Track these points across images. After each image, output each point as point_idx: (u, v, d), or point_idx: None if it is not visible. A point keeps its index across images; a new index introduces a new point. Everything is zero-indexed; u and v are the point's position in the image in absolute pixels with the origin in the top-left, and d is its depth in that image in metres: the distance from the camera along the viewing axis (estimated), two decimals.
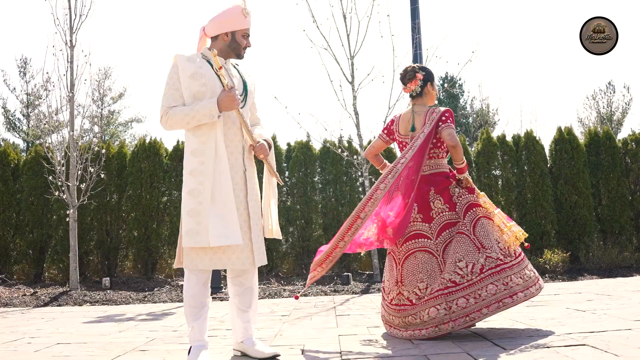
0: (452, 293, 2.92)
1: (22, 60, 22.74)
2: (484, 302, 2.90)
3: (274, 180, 2.90)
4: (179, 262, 2.69)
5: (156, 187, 8.36)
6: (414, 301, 3.03)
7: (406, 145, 3.33)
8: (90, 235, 8.27)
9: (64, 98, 7.37)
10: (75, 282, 6.98)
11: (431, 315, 2.92)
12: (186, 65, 2.65)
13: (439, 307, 2.91)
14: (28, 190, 8.33)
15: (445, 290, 2.93)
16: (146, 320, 4.46)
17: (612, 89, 23.05)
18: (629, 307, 3.89)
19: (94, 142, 7.83)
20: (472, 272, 2.94)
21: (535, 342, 2.77)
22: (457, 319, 2.89)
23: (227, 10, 2.70)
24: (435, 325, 2.93)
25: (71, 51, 7.34)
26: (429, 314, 2.93)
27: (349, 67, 6.98)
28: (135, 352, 3.02)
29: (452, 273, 2.95)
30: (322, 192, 8.67)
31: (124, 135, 24.37)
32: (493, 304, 2.90)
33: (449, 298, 2.91)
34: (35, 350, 3.16)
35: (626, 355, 2.34)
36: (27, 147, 21.31)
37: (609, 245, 7.95)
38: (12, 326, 4.28)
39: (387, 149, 8.64)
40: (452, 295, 2.91)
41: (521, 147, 8.58)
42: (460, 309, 2.89)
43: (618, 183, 8.39)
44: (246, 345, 2.75)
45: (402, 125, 3.39)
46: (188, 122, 2.60)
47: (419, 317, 2.98)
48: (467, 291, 2.91)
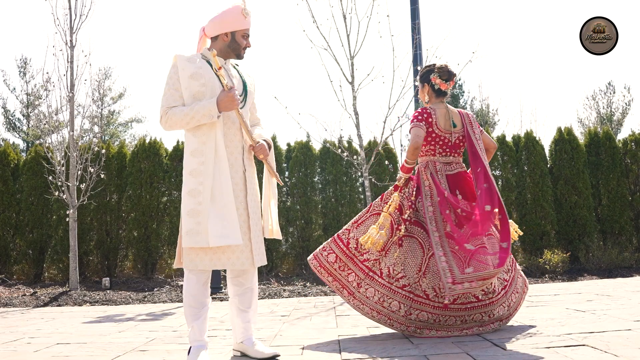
0: None
1: (22, 61, 22.75)
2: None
3: (274, 181, 2.90)
4: (178, 262, 2.69)
5: (156, 187, 8.36)
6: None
7: (444, 140, 3.33)
8: (90, 235, 8.27)
9: (64, 98, 7.37)
10: (75, 282, 6.98)
11: None
12: (186, 65, 2.65)
13: None
14: (28, 190, 8.33)
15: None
16: (146, 321, 4.46)
17: (612, 90, 23.05)
18: (628, 307, 3.89)
19: (94, 142, 7.83)
20: None
21: (535, 342, 2.76)
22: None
23: (227, 10, 2.70)
24: None
25: (71, 51, 7.34)
26: None
27: (349, 67, 6.98)
28: (135, 352, 3.01)
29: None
30: (322, 193, 8.67)
31: (123, 135, 24.38)
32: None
33: None
34: (34, 350, 3.16)
35: (626, 356, 2.34)
36: (27, 147, 21.32)
37: (609, 246, 7.95)
38: (12, 326, 4.28)
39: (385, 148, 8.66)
40: None
41: (521, 148, 8.59)
42: None
43: (618, 183, 8.39)
44: (246, 346, 2.75)
45: (441, 120, 3.36)
46: (188, 123, 2.60)
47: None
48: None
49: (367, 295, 3.20)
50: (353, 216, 8.48)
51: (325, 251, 3.33)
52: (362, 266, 3.25)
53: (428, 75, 3.42)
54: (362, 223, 3.38)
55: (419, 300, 3.10)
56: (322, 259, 3.31)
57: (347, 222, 3.50)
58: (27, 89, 22.71)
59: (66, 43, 7.33)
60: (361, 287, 3.22)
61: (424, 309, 3.09)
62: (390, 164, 8.50)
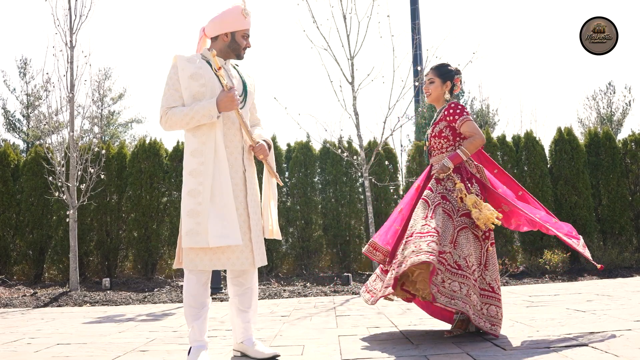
0: None
1: (22, 61, 22.74)
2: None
3: (274, 181, 2.89)
4: (178, 262, 2.69)
5: (156, 187, 8.36)
6: None
7: (461, 136, 3.32)
8: (90, 235, 8.27)
9: (64, 99, 7.38)
10: (75, 282, 6.98)
11: None
12: (186, 65, 2.65)
13: None
14: (28, 190, 8.34)
15: None
16: (146, 321, 4.46)
17: (612, 90, 23.04)
18: (629, 307, 3.89)
19: (94, 142, 7.83)
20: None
21: (535, 342, 2.77)
22: None
23: (227, 10, 2.70)
24: None
25: (71, 52, 7.35)
26: None
27: (349, 67, 6.99)
28: (135, 353, 3.02)
29: None
30: (322, 193, 8.67)
31: (123, 135, 24.38)
32: None
33: None
34: (35, 350, 3.16)
35: (626, 356, 2.34)
36: (27, 147, 21.31)
37: (609, 246, 7.95)
38: (12, 327, 4.28)
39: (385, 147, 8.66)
40: None
41: (521, 148, 8.59)
42: None
43: (618, 183, 8.39)
44: (246, 346, 2.75)
45: None
46: (187, 123, 2.60)
47: None
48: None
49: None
50: (353, 216, 8.56)
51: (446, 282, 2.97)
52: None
53: (453, 75, 3.39)
54: (456, 241, 3.04)
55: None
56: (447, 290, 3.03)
57: (347, 222, 3.48)
58: (27, 89, 22.71)
59: (66, 44, 7.34)
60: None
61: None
62: (390, 164, 8.51)
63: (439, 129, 3.31)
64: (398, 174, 8.98)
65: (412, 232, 3.05)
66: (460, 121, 3.22)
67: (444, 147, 3.30)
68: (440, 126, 3.31)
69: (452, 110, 3.27)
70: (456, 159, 3.19)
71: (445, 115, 3.29)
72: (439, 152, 3.33)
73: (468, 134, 3.24)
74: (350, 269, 8.25)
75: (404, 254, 2.96)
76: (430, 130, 3.42)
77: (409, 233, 3.07)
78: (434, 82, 3.39)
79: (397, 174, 8.79)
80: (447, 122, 3.28)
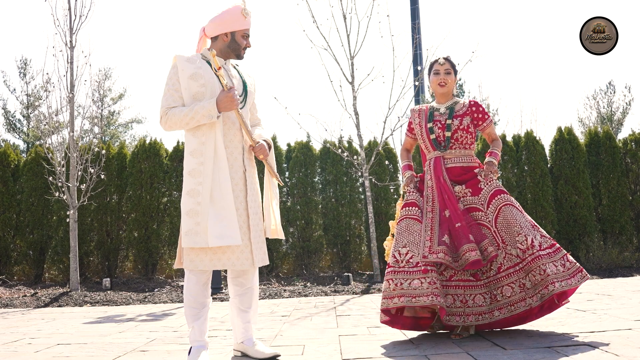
0: None
1: (22, 61, 22.77)
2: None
3: (275, 181, 2.89)
4: (179, 262, 2.69)
5: (156, 187, 8.36)
6: None
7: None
8: (90, 236, 8.28)
9: (64, 99, 7.38)
10: (76, 282, 6.98)
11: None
12: (186, 66, 2.65)
13: None
14: (28, 191, 8.34)
15: None
16: (146, 321, 4.46)
17: (612, 89, 23.06)
18: (629, 307, 3.89)
19: (94, 142, 7.84)
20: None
21: (535, 342, 2.76)
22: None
23: (227, 10, 2.70)
24: None
25: (71, 52, 7.35)
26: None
27: (349, 67, 6.99)
28: (135, 353, 3.02)
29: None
30: (323, 193, 8.67)
31: (124, 136, 24.40)
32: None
33: None
34: (35, 350, 3.16)
35: (626, 355, 2.34)
36: (27, 148, 21.32)
37: (609, 246, 7.95)
38: (13, 327, 4.28)
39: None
40: None
41: (521, 147, 8.59)
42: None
43: (618, 183, 8.39)
44: (246, 346, 2.75)
45: None
46: (187, 123, 2.60)
47: None
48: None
49: None
50: (353, 216, 8.57)
51: None
52: None
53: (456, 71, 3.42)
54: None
55: None
56: None
57: (347, 222, 3.48)
58: (27, 89, 22.74)
59: (66, 44, 7.34)
60: None
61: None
62: (390, 164, 8.51)
63: (467, 123, 3.22)
64: (398, 174, 8.98)
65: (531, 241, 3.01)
66: (487, 123, 3.28)
67: (468, 144, 3.25)
68: (466, 121, 3.23)
69: (476, 108, 3.28)
70: (497, 160, 3.25)
71: (471, 112, 3.26)
72: (463, 147, 3.23)
73: (493, 137, 3.33)
74: (350, 268, 8.25)
75: (547, 272, 3.02)
76: (450, 121, 3.22)
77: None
78: (450, 74, 3.29)
79: (397, 174, 8.79)
80: (472, 119, 3.26)
